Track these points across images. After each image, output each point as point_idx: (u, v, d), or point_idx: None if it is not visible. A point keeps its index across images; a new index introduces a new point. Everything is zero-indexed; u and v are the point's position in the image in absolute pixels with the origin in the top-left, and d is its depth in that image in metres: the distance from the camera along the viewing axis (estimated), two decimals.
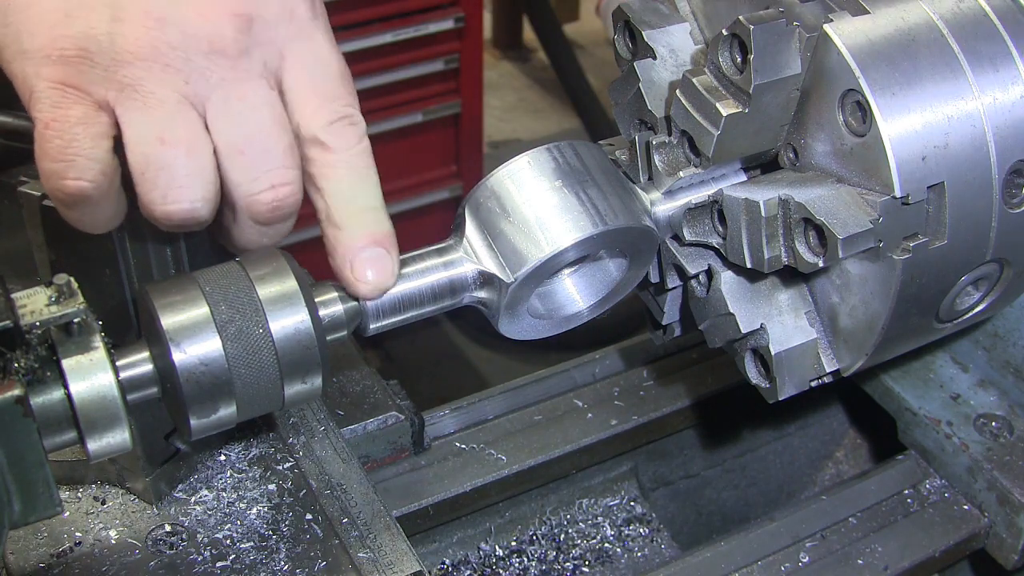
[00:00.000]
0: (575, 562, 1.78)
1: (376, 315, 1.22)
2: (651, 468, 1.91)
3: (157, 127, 1.07)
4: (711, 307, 1.37)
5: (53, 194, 1.08)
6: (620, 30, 1.40)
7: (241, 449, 1.47)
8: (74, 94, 1.05)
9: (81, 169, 1.05)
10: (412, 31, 3.80)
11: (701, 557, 1.54)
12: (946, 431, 1.63)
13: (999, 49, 1.25)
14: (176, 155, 1.07)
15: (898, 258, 1.24)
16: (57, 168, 1.05)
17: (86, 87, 1.06)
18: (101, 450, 1.06)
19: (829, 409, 1.99)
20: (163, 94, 1.07)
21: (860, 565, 1.54)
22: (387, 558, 1.33)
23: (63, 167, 1.05)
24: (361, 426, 1.61)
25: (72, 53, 1.05)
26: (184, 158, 1.07)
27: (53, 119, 1.04)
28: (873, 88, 1.20)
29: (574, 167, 1.27)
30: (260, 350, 1.12)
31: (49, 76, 1.05)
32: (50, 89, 1.05)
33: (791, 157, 1.32)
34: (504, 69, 6.19)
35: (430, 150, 4.15)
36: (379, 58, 3.78)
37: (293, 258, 1.18)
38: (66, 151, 1.04)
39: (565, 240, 1.23)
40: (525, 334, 1.32)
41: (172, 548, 1.34)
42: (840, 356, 1.38)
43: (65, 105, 1.05)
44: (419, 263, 1.24)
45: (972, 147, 1.23)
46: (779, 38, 1.21)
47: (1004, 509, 1.57)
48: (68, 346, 1.03)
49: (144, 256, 1.24)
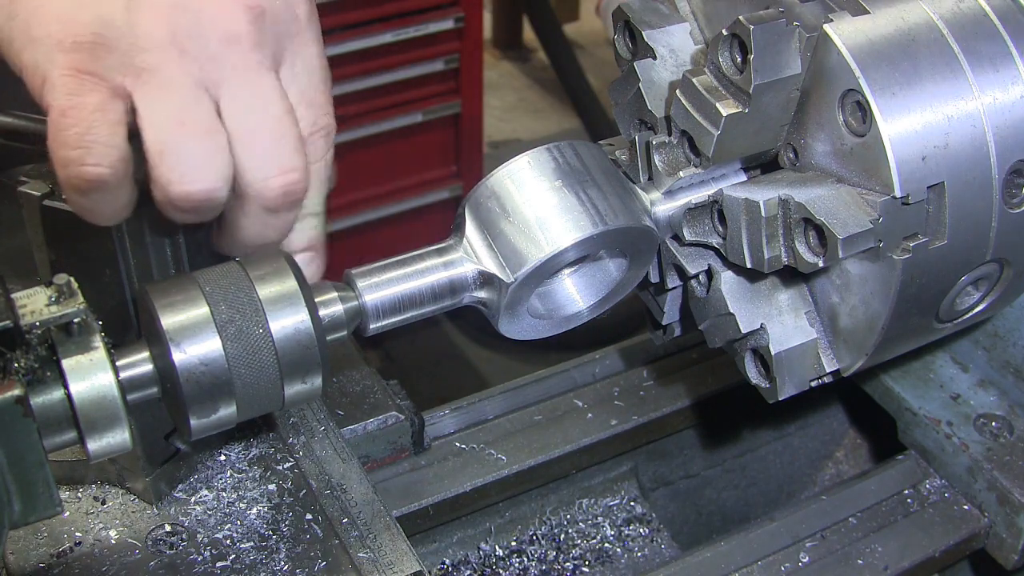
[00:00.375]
0: (575, 562, 1.78)
1: (376, 315, 1.22)
2: (651, 468, 1.91)
3: (176, 111, 1.07)
4: (711, 307, 1.37)
5: (69, 182, 1.07)
6: (620, 30, 1.40)
7: (241, 449, 1.47)
8: (90, 80, 1.05)
9: (100, 156, 1.05)
10: (412, 31, 3.80)
11: (701, 557, 1.54)
12: (946, 431, 1.63)
13: (999, 49, 1.25)
14: (196, 137, 1.08)
15: (898, 258, 1.24)
16: (75, 155, 1.05)
17: (102, 73, 1.06)
18: (101, 450, 1.06)
19: (829, 409, 1.99)
20: (181, 79, 1.08)
21: (860, 565, 1.54)
22: (387, 558, 1.33)
23: (81, 154, 1.04)
24: (361, 426, 1.61)
25: (87, 39, 1.05)
26: (204, 139, 1.08)
27: (70, 107, 1.04)
28: (873, 88, 1.20)
29: (574, 167, 1.27)
30: (260, 350, 1.12)
31: (64, 63, 1.05)
32: (65, 76, 1.05)
33: (791, 157, 1.32)
34: (504, 69, 6.19)
35: (430, 150, 4.15)
36: (379, 58, 3.78)
37: (293, 258, 1.18)
38: (84, 138, 1.04)
39: (565, 240, 1.23)
40: (525, 334, 1.32)
41: (172, 548, 1.34)
42: (840, 356, 1.38)
43: (82, 92, 1.05)
44: (419, 263, 1.24)
45: (972, 147, 1.23)
46: (779, 38, 1.21)
47: (1004, 509, 1.57)
48: (68, 346, 1.03)
49: (144, 256, 1.24)
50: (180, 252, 1.26)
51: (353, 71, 3.72)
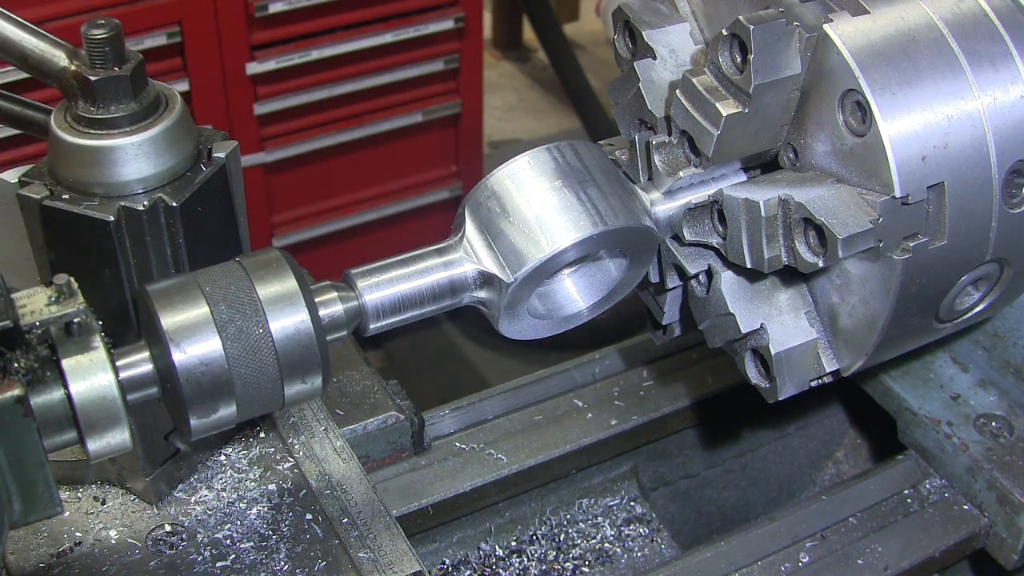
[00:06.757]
0: (575, 562, 1.78)
1: (376, 315, 1.22)
2: (651, 468, 1.91)
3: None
4: (711, 307, 1.37)
5: None
6: (620, 30, 1.40)
7: (241, 449, 1.47)
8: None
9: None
10: (412, 31, 3.80)
11: (701, 557, 1.54)
12: (946, 431, 1.63)
13: (999, 49, 1.25)
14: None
15: (898, 258, 1.24)
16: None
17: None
18: (101, 450, 1.06)
19: (829, 409, 1.99)
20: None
21: (860, 565, 1.54)
22: (387, 558, 1.33)
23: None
24: (361, 426, 1.61)
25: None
26: None
27: None
28: (873, 88, 1.20)
29: (574, 167, 1.27)
30: (260, 350, 1.12)
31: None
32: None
33: (791, 157, 1.32)
34: (504, 69, 6.19)
35: (430, 150, 4.15)
36: (379, 58, 3.78)
37: (293, 258, 1.18)
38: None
39: (565, 240, 1.23)
40: (525, 334, 1.32)
41: (172, 548, 1.34)
42: (840, 356, 1.38)
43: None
44: (419, 263, 1.24)
45: (972, 147, 1.23)
46: (779, 38, 1.21)
47: (1004, 509, 1.57)
48: (68, 346, 1.03)
49: (144, 256, 1.23)
50: (180, 252, 1.26)
51: (353, 71, 3.72)
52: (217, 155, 1.28)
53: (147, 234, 1.22)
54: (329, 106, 3.76)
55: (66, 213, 1.20)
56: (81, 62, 1.23)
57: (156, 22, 3.26)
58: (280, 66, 3.55)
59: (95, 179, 1.21)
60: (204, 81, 3.44)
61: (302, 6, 3.50)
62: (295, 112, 3.69)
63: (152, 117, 1.23)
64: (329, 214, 3.96)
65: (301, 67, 3.60)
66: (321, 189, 3.93)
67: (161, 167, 1.23)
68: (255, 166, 3.67)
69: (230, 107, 3.54)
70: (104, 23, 1.22)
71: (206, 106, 3.48)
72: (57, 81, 1.25)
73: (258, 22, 3.46)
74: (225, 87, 3.49)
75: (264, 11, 3.42)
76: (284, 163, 3.77)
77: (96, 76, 1.21)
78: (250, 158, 3.63)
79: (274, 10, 3.44)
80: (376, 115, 3.91)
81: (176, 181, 1.24)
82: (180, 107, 1.26)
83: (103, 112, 1.22)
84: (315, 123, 3.77)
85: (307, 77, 3.65)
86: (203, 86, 3.44)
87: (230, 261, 1.17)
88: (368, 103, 3.87)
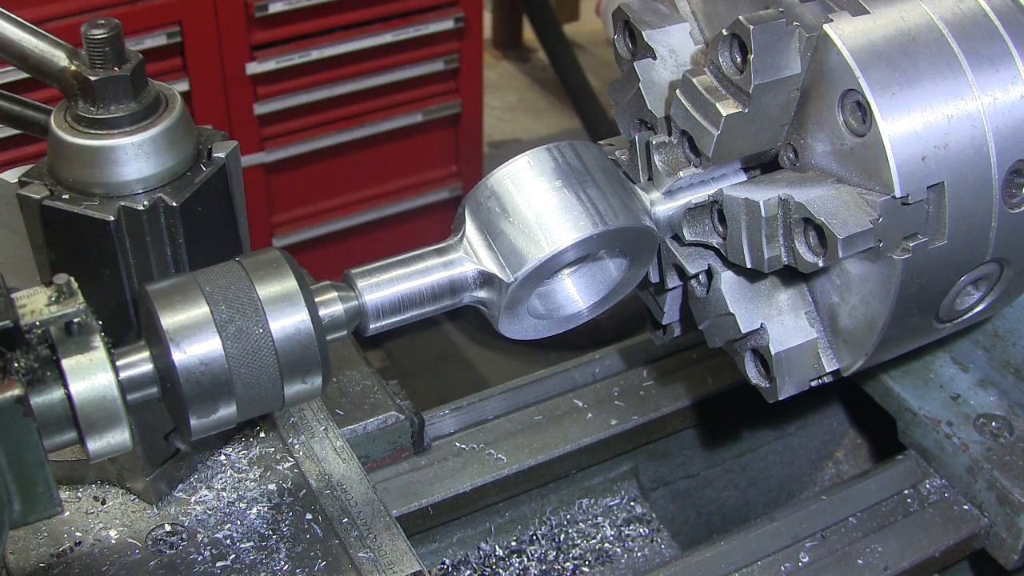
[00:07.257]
0: (575, 562, 1.78)
1: (376, 315, 1.22)
2: (651, 468, 1.91)
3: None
4: (711, 307, 1.37)
5: None
6: (620, 30, 1.40)
7: (241, 449, 1.47)
8: None
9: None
10: (412, 31, 3.80)
11: (701, 557, 1.54)
12: (946, 431, 1.63)
13: (999, 49, 1.25)
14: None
15: (898, 258, 1.24)
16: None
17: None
18: (101, 450, 1.06)
19: (829, 409, 1.99)
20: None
21: (860, 565, 1.54)
22: (387, 558, 1.33)
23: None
24: (361, 426, 1.61)
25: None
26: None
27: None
28: (873, 88, 1.20)
29: (574, 167, 1.27)
30: (260, 350, 1.12)
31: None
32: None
33: (791, 157, 1.32)
34: (504, 69, 6.19)
35: (430, 150, 4.15)
36: (379, 58, 3.78)
37: (293, 258, 1.18)
38: None
39: (565, 240, 1.22)
40: (525, 334, 1.32)
41: (172, 548, 1.34)
42: (840, 356, 1.38)
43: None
44: (419, 263, 1.24)
45: (972, 147, 1.23)
46: (779, 38, 1.21)
47: (1004, 509, 1.57)
48: (68, 346, 1.03)
49: (144, 256, 1.23)
50: (180, 252, 1.26)
51: (353, 71, 3.72)
52: (217, 155, 1.28)
53: (147, 234, 1.22)
54: (329, 106, 3.76)
55: (66, 213, 1.20)
56: (81, 62, 1.23)
57: (156, 22, 3.26)
58: (280, 66, 3.55)
59: (95, 179, 1.21)
60: (204, 81, 3.44)
61: (302, 6, 3.50)
62: (295, 112, 3.70)
63: (152, 117, 1.23)
64: (329, 214, 3.96)
65: (301, 67, 3.61)
66: (321, 189, 3.93)
67: (161, 167, 1.23)
68: (255, 166, 3.68)
69: (230, 107, 3.54)
70: (104, 23, 1.22)
71: (206, 106, 3.48)
72: (57, 81, 1.25)
73: (258, 22, 3.46)
74: (225, 87, 3.49)
75: (264, 11, 3.43)
76: (284, 163, 3.78)
77: (96, 76, 1.21)
78: (250, 158, 3.63)
79: (274, 10, 3.45)
80: (376, 115, 3.91)
81: (176, 181, 1.24)
82: (180, 107, 1.26)
83: (103, 112, 1.22)
84: (315, 123, 3.77)
85: (307, 77, 3.65)
86: (203, 86, 3.45)
87: (230, 261, 1.17)
88: (368, 103, 3.87)
